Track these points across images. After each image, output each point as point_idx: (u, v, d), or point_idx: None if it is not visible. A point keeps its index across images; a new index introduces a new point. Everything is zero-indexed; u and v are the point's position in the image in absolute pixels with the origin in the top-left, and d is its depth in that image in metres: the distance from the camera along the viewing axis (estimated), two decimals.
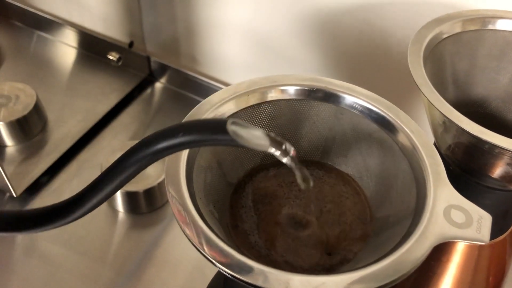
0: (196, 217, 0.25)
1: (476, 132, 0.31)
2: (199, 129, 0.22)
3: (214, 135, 0.22)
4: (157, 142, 0.22)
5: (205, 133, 0.22)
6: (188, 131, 0.22)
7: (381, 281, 0.23)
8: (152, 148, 0.22)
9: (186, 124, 0.22)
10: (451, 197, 0.27)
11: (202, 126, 0.23)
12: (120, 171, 0.23)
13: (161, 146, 0.22)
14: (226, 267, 0.23)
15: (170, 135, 0.22)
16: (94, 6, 0.69)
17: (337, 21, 0.55)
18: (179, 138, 0.22)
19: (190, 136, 0.22)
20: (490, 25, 0.38)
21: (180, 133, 0.22)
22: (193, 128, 0.22)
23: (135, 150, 0.23)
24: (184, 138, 0.22)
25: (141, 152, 0.23)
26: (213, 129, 0.22)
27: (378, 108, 0.31)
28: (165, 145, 0.22)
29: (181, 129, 0.22)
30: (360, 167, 0.33)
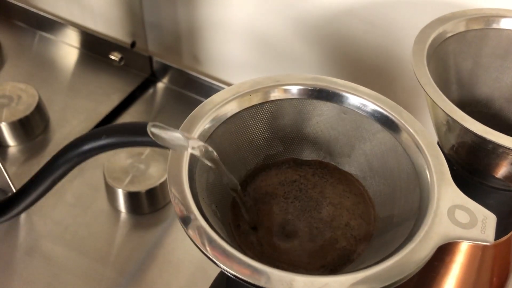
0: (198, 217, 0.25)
1: (481, 131, 0.31)
2: (121, 132, 0.24)
3: (134, 137, 0.24)
4: (82, 144, 0.24)
5: (126, 135, 0.24)
6: (111, 133, 0.24)
7: (385, 282, 0.23)
8: (78, 150, 0.24)
9: (109, 128, 0.24)
10: (455, 197, 0.26)
11: (124, 129, 0.24)
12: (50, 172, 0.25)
13: (86, 148, 0.24)
14: (228, 268, 0.23)
15: (94, 138, 0.24)
16: (96, 6, 0.69)
17: (339, 21, 0.55)
18: (102, 140, 0.24)
19: (112, 138, 0.24)
20: (494, 24, 0.38)
21: (103, 135, 0.24)
22: (115, 131, 0.24)
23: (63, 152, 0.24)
24: (107, 140, 0.24)
25: (68, 154, 0.24)
26: (133, 131, 0.24)
27: (382, 108, 0.31)
28: (90, 147, 0.24)
29: (104, 132, 0.24)
30: (364, 167, 0.32)
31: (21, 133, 0.61)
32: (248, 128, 0.32)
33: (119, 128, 0.25)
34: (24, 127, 0.61)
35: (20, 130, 0.61)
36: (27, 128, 0.61)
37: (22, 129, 0.61)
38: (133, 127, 0.24)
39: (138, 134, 0.24)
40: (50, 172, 0.24)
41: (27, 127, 0.61)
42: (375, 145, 0.31)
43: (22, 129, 0.61)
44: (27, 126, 0.61)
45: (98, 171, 0.59)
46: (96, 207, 0.57)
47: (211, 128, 0.30)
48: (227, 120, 0.31)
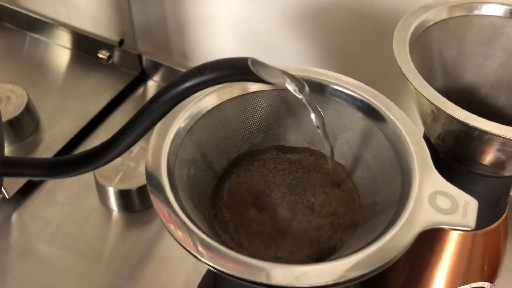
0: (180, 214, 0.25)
1: (463, 118, 0.30)
2: (224, 67, 0.25)
3: (238, 71, 0.25)
4: (185, 81, 0.24)
5: (230, 70, 0.25)
6: (214, 69, 0.24)
7: (365, 269, 0.23)
8: (181, 87, 0.24)
9: (211, 63, 0.25)
10: (437, 183, 0.26)
11: (227, 64, 0.25)
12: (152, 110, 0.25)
13: (189, 84, 0.24)
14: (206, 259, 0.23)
15: (197, 74, 0.24)
16: (83, 5, 0.69)
17: (327, 13, 0.55)
18: (206, 75, 0.24)
19: (216, 73, 0.24)
20: (477, 11, 0.38)
21: (207, 70, 0.24)
22: (218, 66, 0.25)
23: (165, 90, 0.25)
24: (211, 75, 0.24)
25: (170, 92, 0.25)
26: (237, 66, 0.25)
27: (363, 96, 0.31)
28: (194, 83, 0.24)
29: (207, 67, 0.24)
30: (347, 156, 0.32)
31: (11, 134, 0.61)
32: (229, 120, 0.32)
33: (222, 63, 0.25)
34: (14, 128, 0.61)
35: (10, 131, 0.61)
36: (17, 129, 0.61)
37: (12, 130, 0.61)
38: (235, 62, 0.25)
39: (241, 68, 0.24)
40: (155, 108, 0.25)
41: (17, 128, 0.61)
42: (358, 133, 0.31)
43: (12, 130, 0.61)
44: (17, 127, 0.61)
45: None
46: (87, 206, 0.57)
47: (192, 120, 0.30)
48: (207, 112, 0.30)
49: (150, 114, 0.25)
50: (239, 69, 0.24)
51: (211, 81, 0.24)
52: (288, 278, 0.22)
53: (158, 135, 0.28)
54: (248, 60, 0.24)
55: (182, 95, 0.25)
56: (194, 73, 0.24)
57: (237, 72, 0.25)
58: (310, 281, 0.22)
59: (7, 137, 0.61)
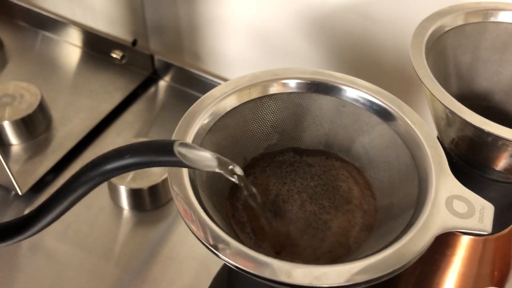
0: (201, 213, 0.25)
1: (479, 123, 0.31)
2: (146, 151, 0.23)
3: (160, 157, 0.23)
4: (105, 163, 0.23)
5: (152, 155, 0.23)
6: (135, 153, 0.23)
7: (382, 271, 0.23)
8: (100, 169, 0.23)
9: (133, 146, 0.23)
10: (453, 188, 0.27)
11: (149, 148, 0.23)
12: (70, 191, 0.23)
13: (108, 167, 0.23)
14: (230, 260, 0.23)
15: (117, 157, 0.23)
16: (97, 5, 0.69)
17: (340, 16, 0.55)
18: (126, 160, 0.23)
19: (136, 158, 0.23)
20: (492, 18, 0.38)
21: (127, 154, 0.23)
22: (140, 150, 0.23)
23: (84, 171, 0.23)
24: (131, 160, 0.23)
25: (90, 173, 0.23)
26: (159, 151, 0.23)
27: (380, 100, 0.31)
28: (113, 167, 0.23)
29: (128, 151, 0.23)
30: (363, 160, 0.33)
31: (24, 132, 0.61)
32: (247, 122, 0.32)
33: (144, 147, 0.23)
34: (27, 126, 0.61)
35: (23, 129, 0.61)
36: (30, 126, 0.62)
37: (25, 128, 0.61)
38: (159, 146, 0.23)
39: (164, 153, 0.23)
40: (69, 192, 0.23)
41: (29, 126, 0.62)
42: (374, 137, 0.32)
43: (25, 128, 0.61)
44: (30, 125, 0.62)
45: None
46: (98, 204, 0.58)
47: (211, 122, 0.30)
48: (226, 114, 0.31)
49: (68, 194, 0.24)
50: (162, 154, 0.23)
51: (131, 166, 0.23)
52: (308, 277, 0.22)
53: (180, 134, 0.28)
54: (174, 144, 0.23)
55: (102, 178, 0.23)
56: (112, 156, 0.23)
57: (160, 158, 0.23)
58: (330, 282, 0.22)
59: (20, 134, 0.61)
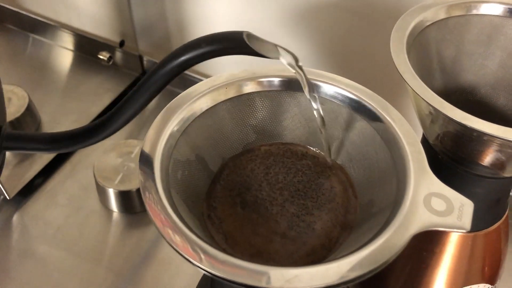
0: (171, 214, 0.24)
1: (460, 118, 0.30)
2: (220, 40, 0.25)
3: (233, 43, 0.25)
4: (181, 54, 0.25)
5: (225, 43, 0.25)
6: (210, 42, 0.25)
7: (358, 272, 0.23)
8: (178, 60, 0.25)
9: (207, 37, 0.25)
10: (432, 185, 0.26)
11: (222, 37, 0.25)
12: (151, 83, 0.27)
13: (186, 57, 0.25)
14: (197, 261, 0.23)
15: (194, 47, 0.25)
16: (84, 6, 0.69)
17: (325, 13, 0.55)
18: (202, 48, 0.25)
19: (212, 46, 0.25)
20: (475, 10, 0.37)
21: (203, 44, 0.25)
22: (214, 39, 0.25)
23: (163, 64, 0.26)
24: (207, 48, 0.25)
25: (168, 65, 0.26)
26: (232, 39, 0.25)
27: (359, 97, 0.30)
28: (190, 56, 0.25)
29: (204, 41, 0.25)
30: (343, 157, 0.32)
31: None
32: (224, 121, 0.32)
33: (217, 36, 0.25)
34: (15, 129, 0.61)
35: None
36: (18, 130, 0.61)
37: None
38: (230, 35, 0.25)
39: (236, 41, 0.25)
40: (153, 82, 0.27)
41: (18, 129, 0.61)
42: (354, 134, 0.31)
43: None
44: (18, 128, 0.61)
45: (88, 171, 0.59)
46: (87, 207, 0.57)
47: (186, 122, 0.29)
48: (202, 113, 0.30)
49: (149, 87, 0.26)
50: (234, 42, 0.25)
51: (207, 54, 0.25)
52: (280, 281, 0.22)
53: (152, 137, 0.28)
54: (244, 33, 0.25)
55: (179, 68, 0.25)
56: (190, 47, 0.25)
57: (232, 45, 0.25)
58: (302, 284, 0.22)
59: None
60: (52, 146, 0.29)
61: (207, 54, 0.25)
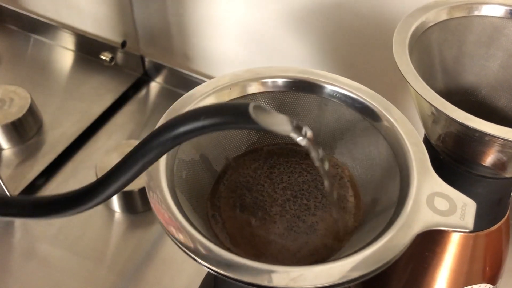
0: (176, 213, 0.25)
1: (462, 119, 0.30)
2: (222, 113, 0.22)
3: (237, 119, 0.22)
4: (179, 125, 0.22)
5: (228, 117, 0.22)
6: (211, 114, 0.22)
7: (361, 271, 0.23)
8: (173, 132, 0.22)
9: (208, 108, 0.22)
10: (435, 185, 0.26)
11: (225, 109, 0.22)
12: (141, 155, 0.23)
13: (182, 130, 0.22)
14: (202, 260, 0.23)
15: (192, 119, 0.22)
16: (85, 7, 0.69)
17: (328, 15, 0.55)
18: (201, 121, 0.22)
19: (212, 119, 0.22)
20: (477, 12, 0.37)
21: (202, 116, 0.22)
22: (215, 111, 0.22)
23: (157, 134, 0.23)
24: (206, 121, 0.22)
25: (162, 136, 0.22)
26: (236, 113, 0.22)
27: (362, 98, 0.31)
28: (187, 129, 0.22)
29: (203, 112, 0.22)
30: (346, 158, 0.32)
31: (15, 136, 0.61)
32: None
33: (220, 108, 0.22)
34: (17, 130, 0.61)
35: (13, 133, 0.61)
36: (20, 130, 0.61)
37: (15, 132, 0.61)
38: (234, 107, 0.22)
39: (240, 115, 0.22)
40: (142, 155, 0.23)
41: (20, 130, 0.61)
42: (357, 135, 0.31)
43: (15, 132, 0.61)
44: (20, 129, 0.61)
45: (91, 171, 0.59)
46: None
47: None
48: None
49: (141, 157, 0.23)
50: (238, 117, 0.22)
51: (206, 128, 0.22)
52: (285, 279, 0.22)
53: None
54: (250, 106, 0.22)
55: (173, 142, 0.23)
56: (188, 118, 0.22)
57: (236, 120, 0.22)
58: (306, 283, 0.22)
59: (10, 138, 0.61)
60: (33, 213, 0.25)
61: (206, 128, 0.22)
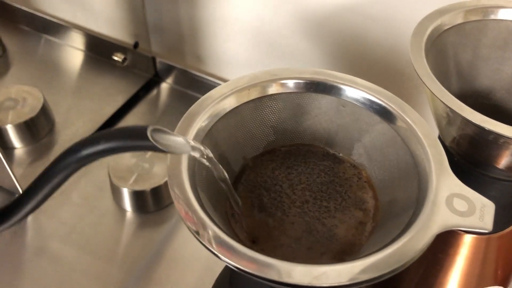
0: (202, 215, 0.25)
1: (479, 121, 0.31)
2: (120, 136, 0.23)
3: (134, 142, 0.23)
4: (80, 149, 0.23)
5: (126, 140, 0.23)
6: (110, 138, 0.23)
7: (383, 270, 0.23)
8: (76, 156, 0.23)
9: (108, 132, 0.24)
10: (454, 186, 0.26)
11: (123, 133, 0.24)
12: (47, 179, 0.24)
13: (84, 153, 0.23)
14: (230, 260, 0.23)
15: (92, 143, 0.23)
16: (98, 8, 0.69)
17: (339, 16, 0.55)
18: (101, 145, 0.23)
19: (111, 143, 0.23)
20: (493, 15, 0.38)
21: (102, 140, 0.23)
22: (114, 135, 0.23)
23: (61, 158, 0.24)
24: (106, 145, 0.23)
25: (66, 160, 0.24)
26: (134, 136, 0.23)
27: (380, 99, 0.31)
28: (88, 152, 0.23)
29: (103, 136, 0.23)
30: (364, 159, 0.33)
31: (27, 135, 0.62)
32: (247, 122, 0.32)
33: (118, 132, 0.24)
34: (30, 129, 0.62)
35: (26, 132, 0.62)
36: (33, 130, 0.62)
37: (28, 131, 0.62)
38: (132, 131, 0.24)
39: (138, 138, 0.23)
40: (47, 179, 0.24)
41: (32, 129, 0.62)
42: (374, 137, 0.32)
43: (28, 131, 0.62)
44: (33, 128, 0.62)
45: (103, 171, 0.60)
46: (102, 207, 0.58)
47: (210, 123, 0.30)
48: (225, 114, 0.31)
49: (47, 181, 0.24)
50: (136, 140, 0.23)
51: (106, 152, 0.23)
52: (308, 277, 0.22)
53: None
54: (148, 129, 0.23)
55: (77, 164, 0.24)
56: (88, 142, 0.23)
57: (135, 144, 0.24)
58: (329, 281, 0.22)
59: (23, 138, 0.62)
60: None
61: (106, 152, 0.23)
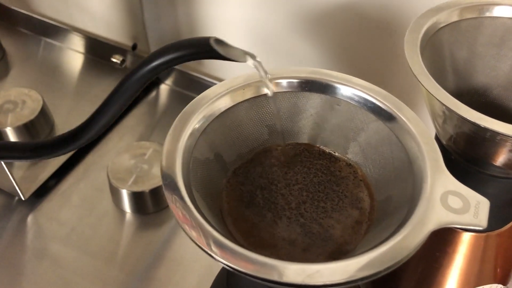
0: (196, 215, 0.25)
1: (475, 119, 0.30)
2: (187, 46, 0.27)
3: (200, 49, 0.27)
4: (152, 60, 0.27)
5: (192, 48, 0.27)
6: (178, 48, 0.27)
7: (377, 268, 0.23)
8: (148, 66, 0.27)
9: (175, 44, 0.27)
10: (448, 183, 0.26)
11: (189, 43, 0.27)
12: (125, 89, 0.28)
13: (156, 63, 0.27)
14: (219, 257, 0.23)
15: (163, 54, 0.26)
16: (96, 10, 0.70)
17: (335, 16, 0.55)
18: (171, 54, 0.26)
19: (180, 52, 0.27)
20: (488, 13, 0.38)
21: (171, 50, 0.27)
22: (182, 45, 0.27)
23: (135, 70, 0.27)
24: (175, 54, 0.27)
25: (140, 71, 0.27)
26: (199, 45, 0.27)
27: (374, 98, 0.31)
28: (160, 62, 0.26)
29: (172, 47, 0.27)
30: (359, 158, 0.33)
31: (27, 137, 0.62)
32: (242, 122, 0.32)
33: (185, 43, 0.27)
34: (29, 132, 0.62)
35: (26, 135, 0.62)
36: (32, 132, 0.62)
37: (27, 134, 0.62)
38: (198, 41, 0.27)
39: (203, 47, 0.26)
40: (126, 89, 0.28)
41: (32, 132, 0.62)
42: (370, 135, 0.32)
43: (27, 134, 0.62)
44: (32, 131, 0.62)
45: (102, 172, 0.60)
46: (101, 208, 0.58)
47: (205, 122, 0.30)
48: (221, 114, 0.31)
49: (124, 93, 0.28)
50: (201, 47, 0.27)
51: (175, 60, 0.27)
52: (301, 276, 0.22)
53: (173, 136, 0.28)
54: (211, 39, 0.27)
55: (150, 74, 0.27)
56: (159, 54, 0.26)
57: (200, 50, 0.27)
58: (323, 279, 0.22)
59: (22, 140, 0.62)
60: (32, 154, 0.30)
61: (175, 60, 0.27)
